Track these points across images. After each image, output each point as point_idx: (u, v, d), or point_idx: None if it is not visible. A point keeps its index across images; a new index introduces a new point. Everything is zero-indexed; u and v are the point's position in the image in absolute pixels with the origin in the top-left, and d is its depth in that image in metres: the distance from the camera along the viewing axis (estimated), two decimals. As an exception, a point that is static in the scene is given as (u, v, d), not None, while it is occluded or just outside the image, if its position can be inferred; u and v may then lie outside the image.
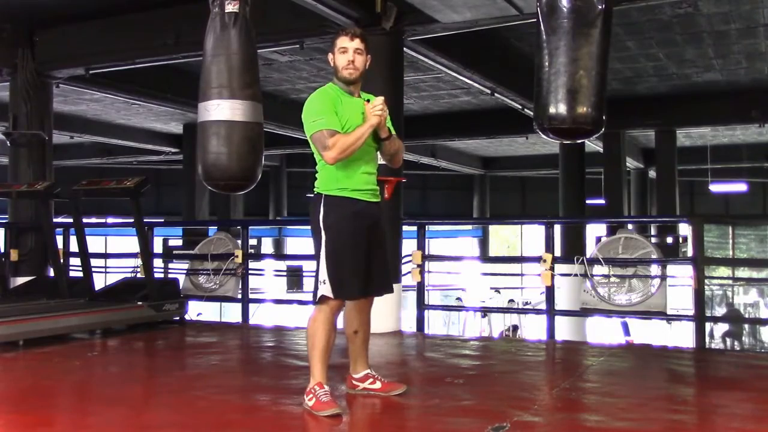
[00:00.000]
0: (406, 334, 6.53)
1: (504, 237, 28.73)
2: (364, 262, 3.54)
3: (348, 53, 3.53)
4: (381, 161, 3.80)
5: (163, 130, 16.56)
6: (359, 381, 3.80)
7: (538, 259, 6.28)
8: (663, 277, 6.27)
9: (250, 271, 7.51)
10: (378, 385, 3.77)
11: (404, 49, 7.34)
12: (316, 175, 3.63)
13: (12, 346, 5.30)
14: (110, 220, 18.37)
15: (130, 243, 7.62)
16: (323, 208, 3.56)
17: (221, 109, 5.11)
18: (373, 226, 3.62)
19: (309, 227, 3.61)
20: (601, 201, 14.91)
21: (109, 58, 8.51)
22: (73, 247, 7.39)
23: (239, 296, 7.43)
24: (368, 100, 3.63)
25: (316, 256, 3.57)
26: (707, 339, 6.57)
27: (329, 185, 3.57)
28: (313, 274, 3.56)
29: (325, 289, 3.48)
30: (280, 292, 14.93)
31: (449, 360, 5.33)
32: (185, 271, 7.98)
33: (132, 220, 6.76)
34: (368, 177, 3.63)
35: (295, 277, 15.41)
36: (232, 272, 7.45)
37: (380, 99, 3.55)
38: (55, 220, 8.21)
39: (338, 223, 3.52)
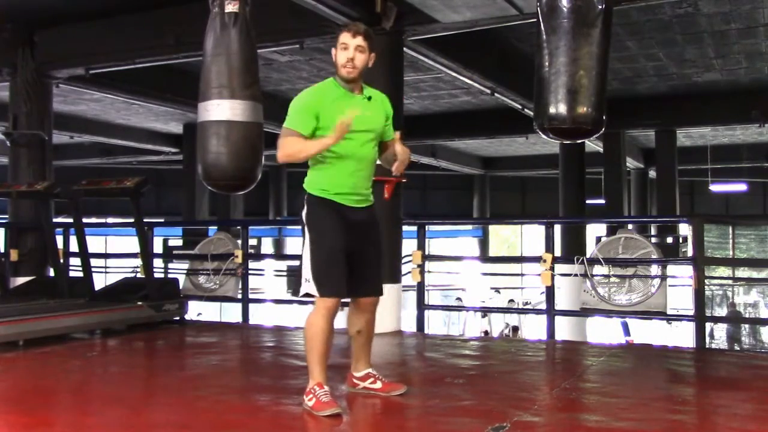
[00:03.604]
0: (406, 334, 6.53)
1: (504, 237, 28.74)
2: (345, 263, 3.50)
3: (348, 50, 3.45)
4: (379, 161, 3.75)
5: (163, 130, 16.56)
6: (360, 380, 3.80)
7: (538, 259, 6.28)
8: (663, 277, 6.27)
9: (250, 271, 7.51)
10: (378, 384, 3.76)
11: (404, 49, 7.33)
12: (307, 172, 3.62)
13: (12, 346, 5.29)
14: (110, 220, 18.37)
15: (130, 243, 7.62)
16: (306, 206, 3.56)
17: (221, 109, 5.12)
18: (360, 231, 3.57)
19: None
20: (601, 201, 14.92)
21: (109, 58, 8.51)
22: (73, 247, 7.38)
23: (239, 296, 7.43)
24: (370, 98, 3.58)
25: (302, 253, 3.56)
26: (707, 339, 6.57)
27: (312, 186, 3.56)
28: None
29: (308, 287, 3.47)
30: (281, 292, 14.95)
31: (449, 360, 5.32)
32: (185, 271, 7.98)
33: (132, 220, 6.75)
34: (354, 182, 3.55)
35: (295, 277, 15.40)
36: (232, 272, 7.45)
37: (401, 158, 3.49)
38: (55, 220, 8.20)
39: (320, 223, 3.51)
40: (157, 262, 8.23)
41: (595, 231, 16.01)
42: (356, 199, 3.58)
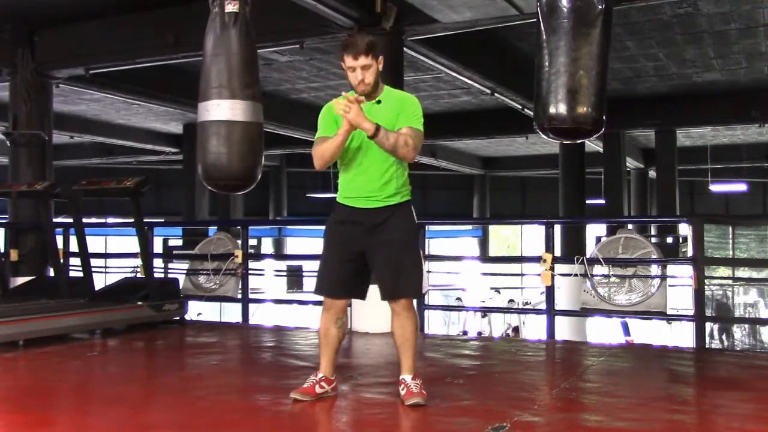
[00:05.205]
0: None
1: (504, 237, 28.74)
2: (343, 266, 3.64)
3: (356, 72, 3.55)
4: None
5: (163, 130, 16.55)
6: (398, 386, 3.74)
7: (538, 259, 6.28)
8: (663, 277, 6.27)
9: (250, 271, 7.51)
10: (404, 391, 3.65)
11: (404, 49, 7.33)
12: None
13: (12, 346, 5.30)
14: (110, 220, 18.37)
15: (130, 243, 7.62)
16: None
17: (221, 109, 5.11)
18: (373, 231, 3.61)
19: (309, 227, 3.74)
20: (601, 201, 14.91)
21: (109, 58, 8.51)
22: (73, 247, 7.38)
23: (239, 296, 7.43)
24: (379, 101, 3.62)
25: None
26: (707, 339, 6.56)
27: (338, 192, 3.75)
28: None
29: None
30: (281, 292, 14.94)
31: (449, 360, 5.33)
32: (185, 271, 7.98)
33: (132, 220, 6.75)
34: (360, 184, 3.62)
35: (295, 277, 15.42)
36: (232, 272, 7.45)
37: (349, 98, 3.46)
38: (55, 220, 8.20)
39: (328, 228, 3.76)
40: (157, 262, 8.22)
41: (595, 231, 16.00)
42: (367, 199, 3.63)
